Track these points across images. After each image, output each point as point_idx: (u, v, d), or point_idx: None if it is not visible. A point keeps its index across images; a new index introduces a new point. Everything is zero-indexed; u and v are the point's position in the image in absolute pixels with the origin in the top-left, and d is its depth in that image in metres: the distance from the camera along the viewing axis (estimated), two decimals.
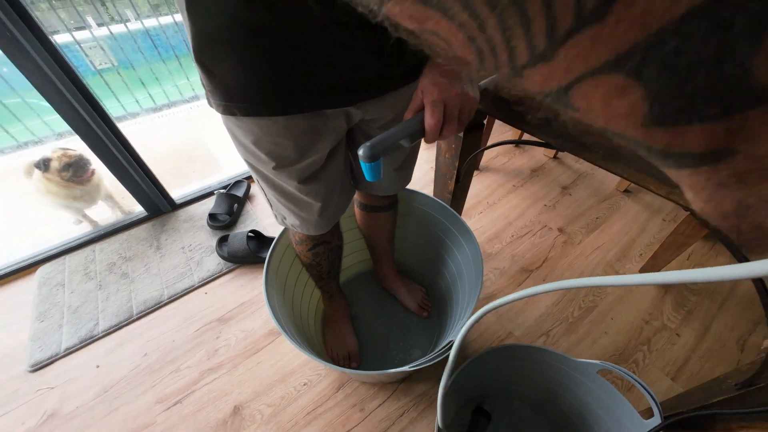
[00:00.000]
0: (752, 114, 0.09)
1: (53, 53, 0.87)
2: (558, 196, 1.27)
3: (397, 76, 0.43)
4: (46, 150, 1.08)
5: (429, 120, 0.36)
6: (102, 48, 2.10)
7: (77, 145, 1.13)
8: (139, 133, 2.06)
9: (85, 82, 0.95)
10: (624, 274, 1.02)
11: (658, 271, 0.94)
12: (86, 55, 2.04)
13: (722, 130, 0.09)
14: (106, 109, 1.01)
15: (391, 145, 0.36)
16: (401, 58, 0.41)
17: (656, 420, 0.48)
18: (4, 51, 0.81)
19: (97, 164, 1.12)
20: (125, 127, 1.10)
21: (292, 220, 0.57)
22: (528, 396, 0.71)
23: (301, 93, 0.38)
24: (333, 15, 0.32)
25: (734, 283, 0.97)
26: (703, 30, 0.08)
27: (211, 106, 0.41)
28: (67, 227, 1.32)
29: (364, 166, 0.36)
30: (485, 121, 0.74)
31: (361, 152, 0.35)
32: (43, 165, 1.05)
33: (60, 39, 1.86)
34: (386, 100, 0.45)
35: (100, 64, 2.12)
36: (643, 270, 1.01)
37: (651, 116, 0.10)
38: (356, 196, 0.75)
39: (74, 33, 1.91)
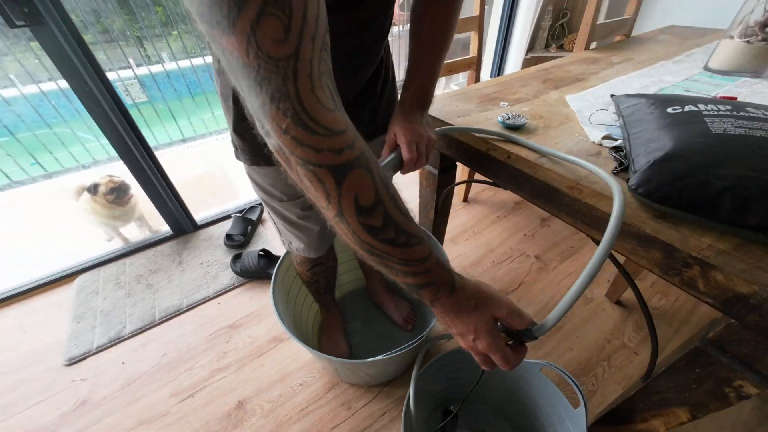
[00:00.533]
0: None
1: (108, 87, 1.04)
2: (537, 227, 1.41)
3: (371, 132, 0.60)
4: (87, 175, 1.29)
5: (407, 155, 0.51)
6: (140, 83, 2.41)
7: (114, 171, 1.33)
8: (168, 162, 2.31)
9: (130, 113, 1.14)
10: (592, 298, 1.14)
11: (620, 296, 1.05)
12: (126, 90, 2.35)
13: None
14: (146, 138, 1.21)
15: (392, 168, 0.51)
16: (374, 122, 0.58)
17: (582, 408, 0.59)
18: (72, 86, 0.99)
19: (135, 188, 1.32)
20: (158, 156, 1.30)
21: (296, 245, 0.72)
22: (490, 397, 0.81)
23: None
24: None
25: (690, 310, 1.07)
26: None
27: (238, 159, 0.58)
28: (101, 243, 1.50)
29: None
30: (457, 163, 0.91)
31: None
32: (93, 189, 1.25)
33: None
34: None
35: (137, 98, 2.43)
36: (608, 295, 1.12)
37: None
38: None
39: (118, 71, 2.23)
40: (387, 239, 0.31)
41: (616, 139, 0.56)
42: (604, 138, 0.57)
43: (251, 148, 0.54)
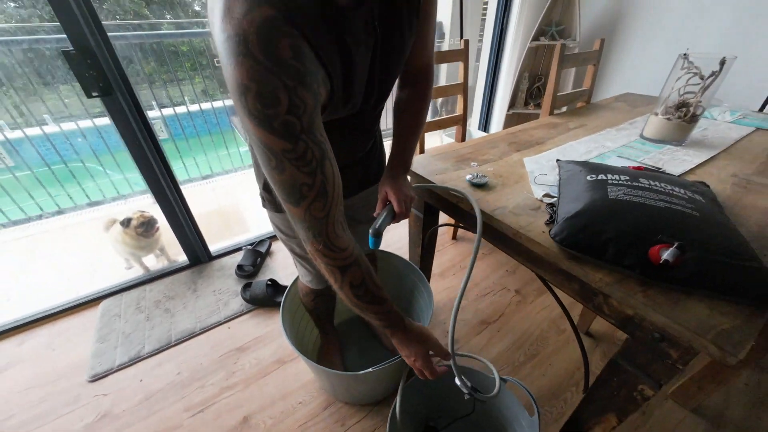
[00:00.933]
0: None
1: (147, 125, 1.21)
2: (517, 264, 1.56)
3: (365, 183, 0.78)
4: (114, 208, 1.47)
5: (399, 209, 0.67)
6: (163, 122, 2.68)
7: (136, 204, 1.52)
8: (187, 197, 2.52)
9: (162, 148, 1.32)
10: (564, 329, 1.26)
11: (589, 327, 1.17)
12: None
13: None
14: (174, 173, 1.39)
15: (384, 226, 0.68)
16: (367, 176, 0.77)
17: (536, 416, 0.71)
18: (115, 122, 1.15)
19: (160, 219, 1.50)
20: None
21: (307, 278, 0.87)
22: (465, 413, 0.92)
23: None
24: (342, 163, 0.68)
25: None
26: None
27: (265, 207, 0.76)
28: (121, 271, 1.65)
29: (372, 240, 0.67)
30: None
31: (372, 232, 0.65)
32: (126, 222, 1.43)
33: None
34: (360, 195, 0.79)
35: (159, 136, 2.69)
36: (578, 327, 1.24)
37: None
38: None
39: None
40: (366, 300, 0.54)
41: (553, 197, 0.74)
42: (544, 196, 0.75)
43: (266, 199, 0.72)
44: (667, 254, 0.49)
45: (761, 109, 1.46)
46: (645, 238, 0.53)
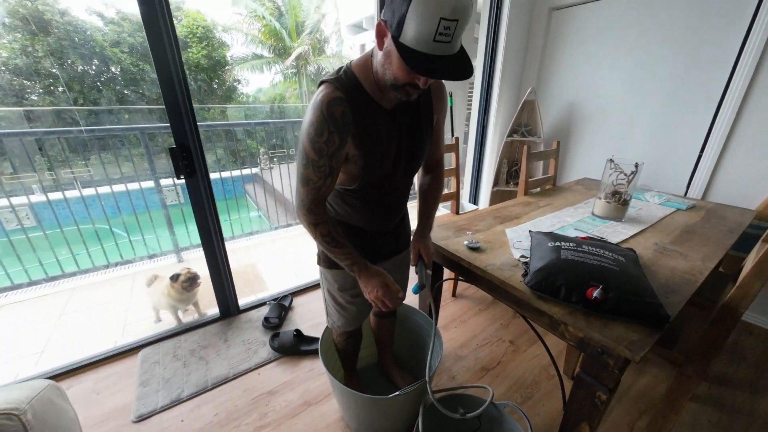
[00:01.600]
0: None
1: (210, 192, 1.52)
2: (510, 318, 1.79)
3: (398, 249, 1.08)
4: (150, 265, 1.70)
5: (429, 265, 0.97)
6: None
7: (161, 265, 1.76)
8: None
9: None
10: (554, 374, 1.45)
11: (574, 371, 1.38)
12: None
13: None
14: (222, 230, 1.65)
15: (424, 279, 0.96)
16: (398, 241, 1.06)
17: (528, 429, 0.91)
18: (189, 193, 1.48)
19: (204, 273, 1.73)
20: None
21: (339, 322, 1.11)
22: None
23: None
24: (377, 232, 0.98)
25: (630, 383, 1.38)
26: None
27: (319, 264, 1.03)
28: (151, 325, 1.82)
29: (416, 288, 0.95)
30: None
31: (419, 285, 0.93)
32: (175, 277, 1.66)
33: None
34: (392, 260, 1.08)
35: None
36: (565, 372, 1.44)
37: None
38: (374, 309, 1.31)
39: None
40: (333, 245, 0.81)
41: (526, 258, 1.04)
42: (520, 257, 1.06)
43: (328, 259, 1.00)
44: (596, 293, 0.78)
45: (686, 194, 1.88)
46: (583, 283, 0.82)
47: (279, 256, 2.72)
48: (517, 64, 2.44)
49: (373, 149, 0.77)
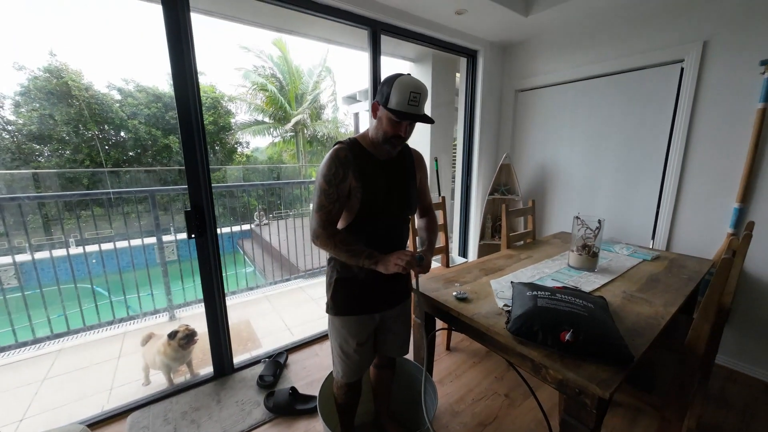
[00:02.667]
0: None
1: (217, 249, 1.63)
2: (504, 371, 1.82)
3: (400, 299, 1.17)
4: (140, 325, 1.72)
5: (428, 265, 1.07)
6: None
7: (149, 324, 1.79)
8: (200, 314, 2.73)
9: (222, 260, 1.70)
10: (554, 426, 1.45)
11: None
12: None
13: None
14: (226, 286, 1.71)
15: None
16: (401, 293, 1.17)
17: None
18: (198, 251, 1.59)
19: (202, 329, 1.75)
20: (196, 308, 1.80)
21: (343, 371, 1.16)
22: None
23: (367, 307, 1.11)
24: (381, 285, 1.10)
25: None
26: None
27: (328, 312, 1.12)
28: (140, 388, 1.77)
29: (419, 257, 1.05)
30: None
31: (418, 256, 1.04)
32: (173, 334, 1.68)
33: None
34: (396, 308, 1.17)
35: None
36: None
37: None
38: (375, 361, 1.33)
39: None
40: (349, 247, 0.98)
41: (509, 307, 1.15)
42: (504, 306, 1.17)
43: (337, 307, 1.09)
44: (568, 336, 0.89)
45: (652, 245, 2.07)
46: (556, 327, 0.93)
47: (273, 313, 2.73)
48: (492, 133, 2.79)
49: (369, 183, 0.99)
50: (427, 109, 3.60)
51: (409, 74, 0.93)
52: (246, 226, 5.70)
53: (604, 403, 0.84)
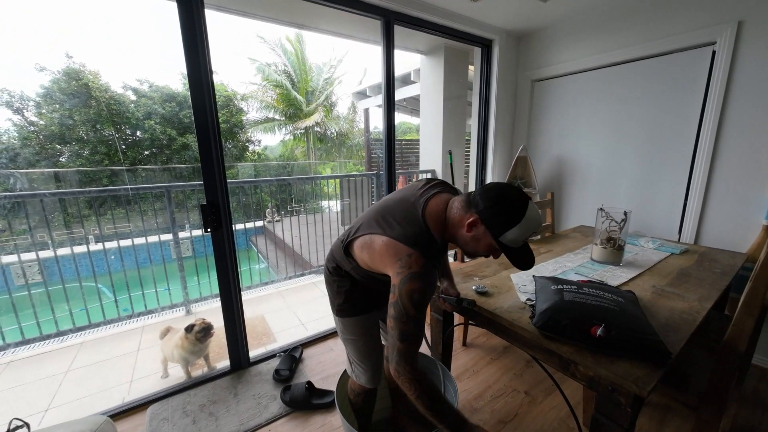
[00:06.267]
0: None
1: (233, 244, 1.62)
2: (523, 367, 1.77)
3: None
4: (158, 319, 1.73)
5: (455, 293, 1.07)
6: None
7: (167, 318, 1.80)
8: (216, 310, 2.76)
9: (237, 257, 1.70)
10: (574, 427, 1.40)
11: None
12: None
13: None
14: (241, 280, 1.71)
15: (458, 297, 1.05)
16: None
17: None
18: (214, 245, 1.59)
19: (218, 324, 1.76)
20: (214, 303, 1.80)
21: (362, 378, 1.13)
22: None
23: (372, 306, 1.08)
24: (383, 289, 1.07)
25: None
26: None
27: (341, 315, 1.10)
28: (159, 381, 1.80)
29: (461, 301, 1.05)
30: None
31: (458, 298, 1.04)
32: (190, 328, 1.70)
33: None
34: None
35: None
36: (584, 423, 1.39)
37: None
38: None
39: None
40: (434, 398, 0.79)
41: (532, 301, 1.11)
42: (526, 300, 1.13)
43: (347, 310, 1.07)
44: (599, 331, 0.84)
45: (679, 239, 1.98)
46: (586, 322, 0.88)
47: (287, 308, 2.74)
48: (507, 125, 2.72)
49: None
50: (438, 103, 3.52)
51: (534, 205, 0.81)
52: (259, 223, 5.76)
53: (640, 402, 0.79)
